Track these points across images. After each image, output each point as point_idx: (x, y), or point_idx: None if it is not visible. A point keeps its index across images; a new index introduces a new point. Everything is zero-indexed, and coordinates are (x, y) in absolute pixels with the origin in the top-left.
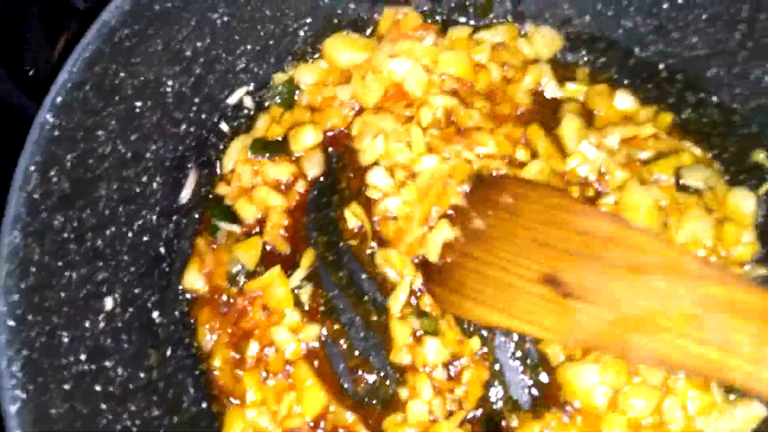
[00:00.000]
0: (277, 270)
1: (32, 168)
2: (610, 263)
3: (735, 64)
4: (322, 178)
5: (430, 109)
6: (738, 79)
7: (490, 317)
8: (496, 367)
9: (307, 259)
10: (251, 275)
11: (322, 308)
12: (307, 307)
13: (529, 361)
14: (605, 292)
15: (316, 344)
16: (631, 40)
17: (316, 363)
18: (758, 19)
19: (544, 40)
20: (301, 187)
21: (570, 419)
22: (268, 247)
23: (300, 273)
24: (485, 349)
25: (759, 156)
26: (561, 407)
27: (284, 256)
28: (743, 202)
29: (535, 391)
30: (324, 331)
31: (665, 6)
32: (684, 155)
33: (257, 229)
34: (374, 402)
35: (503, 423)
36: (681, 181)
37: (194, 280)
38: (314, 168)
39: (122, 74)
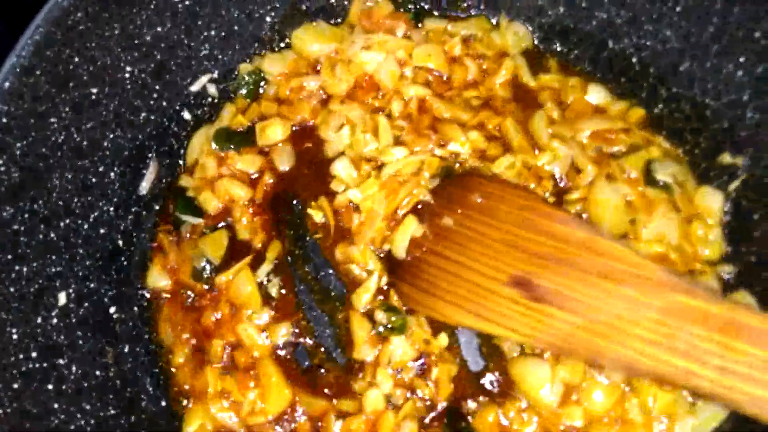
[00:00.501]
0: (245, 262)
1: None
2: (582, 269)
3: (708, 59)
4: (289, 171)
5: (402, 100)
6: (710, 74)
7: (459, 318)
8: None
9: (273, 252)
10: (216, 270)
11: (289, 302)
12: (274, 302)
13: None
14: (575, 298)
15: (283, 340)
16: (604, 32)
17: (281, 359)
18: (732, 12)
19: (516, 36)
20: (268, 179)
21: (529, 407)
22: (233, 241)
23: (267, 266)
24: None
25: (726, 158)
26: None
27: (251, 250)
28: (711, 200)
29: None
30: (292, 328)
31: None
32: (654, 150)
33: (223, 223)
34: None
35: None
36: (651, 176)
37: (158, 279)
38: (285, 163)
39: (76, 59)
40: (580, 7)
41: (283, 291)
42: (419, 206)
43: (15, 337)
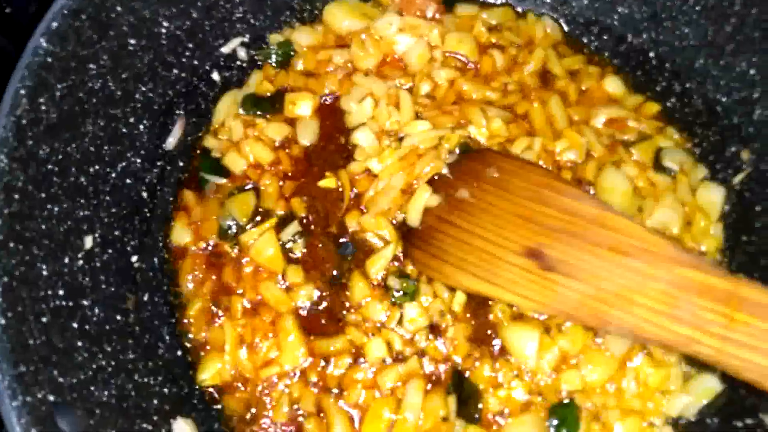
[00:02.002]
0: (270, 225)
1: (22, 92)
2: (593, 242)
3: (722, 57)
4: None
5: (431, 81)
6: (724, 72)
7: (471, 284)
8: None
9: (298, 212)
10: (242, 229)
11: (311, 264)
12: (298, 263)
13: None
14: (586, 269)
15: (304, 301)
16: (625, 26)
17: (302, 318)
18: (750, 13)
19: (545, 31)
20: (294, 150)
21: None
22: (259, 204)
23: (293, 227)
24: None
25: (732, 152)
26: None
27: (276, 214)
28: (713, 195)
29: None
30: (313, 290)
31: None
32: (665, 139)
33: (250, 185)
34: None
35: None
36: (660, 162)
37: (182, 235)
38: (308, 136)
39: (119, 8)
40: (603, 1)
41: (306, 252)
42: (436, 178)
43: (45, 273)
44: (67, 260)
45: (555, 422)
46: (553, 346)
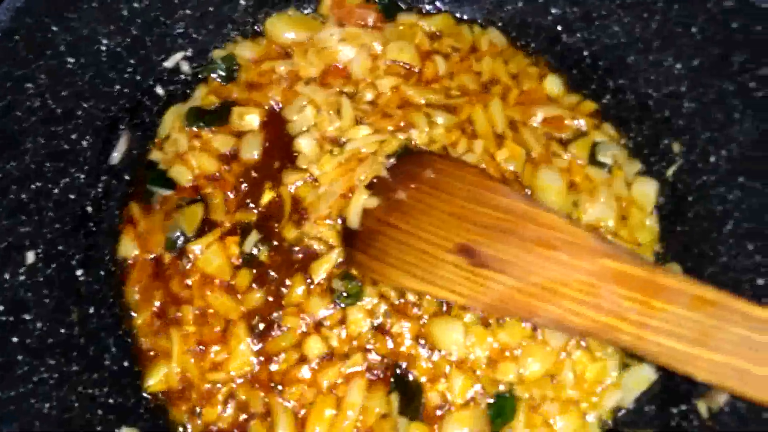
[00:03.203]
0: (215, 236)
1: None
2: (522, 238)
3: (650, 52)
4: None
5: (374, 89)
6: (653, 67)
7: (409, 283)
8: None
9: (246, 222)
10: (189, 241)
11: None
12: (261, 267)
13: None
14: (515, 264)
15: (255, 307)
16: (558, 26)
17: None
18: (672, 9)
19: (491, 42)
20: (239, 163)
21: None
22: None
23: (253, 236)
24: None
25: (664, 145)
26: None
27: (223, 226)
28: (647, 188)
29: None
30: (264, 295)
31: None
32: (600, 135)
33: (199, 197)
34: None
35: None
36: (595, 157)
37: (129, 248)
38: (252, 151)
39: (54, 28)
40: (537, 2)
41: (272, 256)
42: (375, 180)
43: None
44: (7, 276)
45: (493, 413)
46: (487, 339)
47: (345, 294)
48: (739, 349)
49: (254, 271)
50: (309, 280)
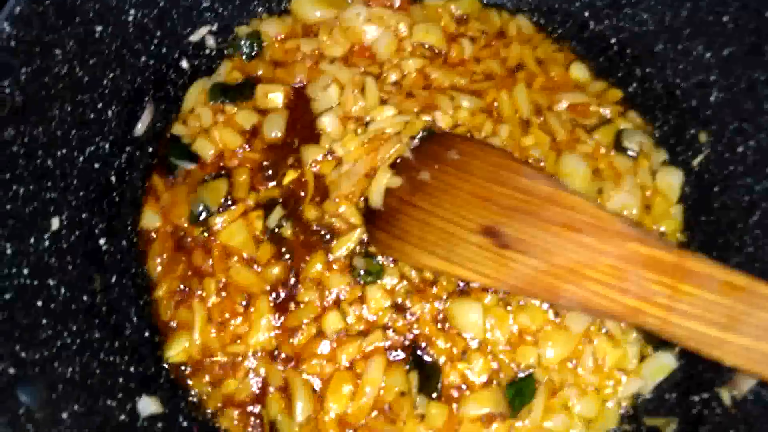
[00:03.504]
0: (239, 211)
1: None
2: (546, 220)
3: (679, 41)
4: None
5: (399, 70)
6: (681, 56)
7: (430, 262)
8: None
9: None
10: (212, 215)
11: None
12: (284, 242)
13: None
14: (539, 245)
15: (275, 280)
16: (586, 13)
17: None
18: None
19: (519, 29)
20: (262, 140)
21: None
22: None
23: (277, 213)
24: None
25: (691, 134)
26: None
27: (246, 202)
28: (672, 178)
29: None
30: (285, 271)
31: None
32: (626, 123)
33: (223, 172)
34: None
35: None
36: (621, 144)
37: (152, 220)
38: (275, 130)
39: None
40: None
41: (296, 233)
42: (398, 161)
43: (9, 251)
44: (32, 240)
45: (511, 393)
46: (508, 321)
47: (366, 272)
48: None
49: (276, 246)
50: (330, 257)
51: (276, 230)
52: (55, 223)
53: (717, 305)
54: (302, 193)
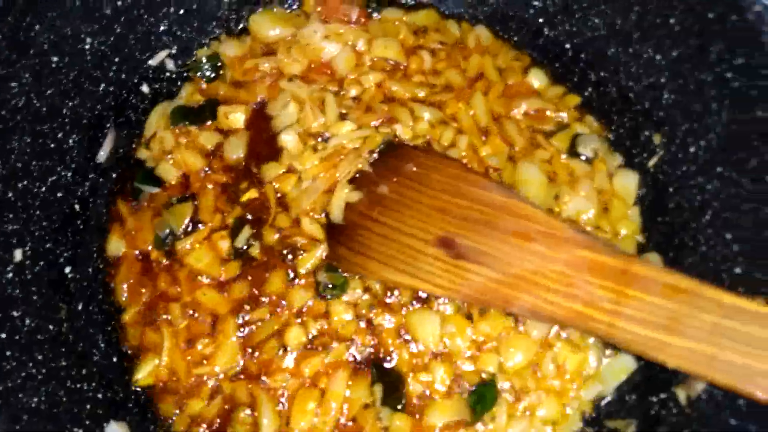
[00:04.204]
0: (203, 234)
1: None
2: (500, 229)
3: (630, 44)
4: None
5: (359, 85)
6: (633, 59)
7: (390, 275)
8: None
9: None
10: (177, 238)
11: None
12: (250, 260)
13: None
14: (493, 255)
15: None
16: (540, 20)
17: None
18: (651, 1)
19: (478, 40)
20: (224, 161)
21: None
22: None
23: (246, 232)
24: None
25: (645, 136)
26: None
27: (212, 222)
28: (628, 181)
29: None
30: (249, 289)
31: None
32: (583, 128)
33: (186, 194)
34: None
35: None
36: (575, 149)
37: (117, 247)
38: (237, 151)
39: (37, 27)
40: None
41: (263, 252)
42: (357, 175)
43: None
44: None
45: (473, 400)
46: (467, 330)
47: (330, 286)
48: (709, 336)
49: (243, 265)
50: (293, 273)
51: (244, 249)
52: (17, 254)
53: (661, 309)
54: (267, 212)
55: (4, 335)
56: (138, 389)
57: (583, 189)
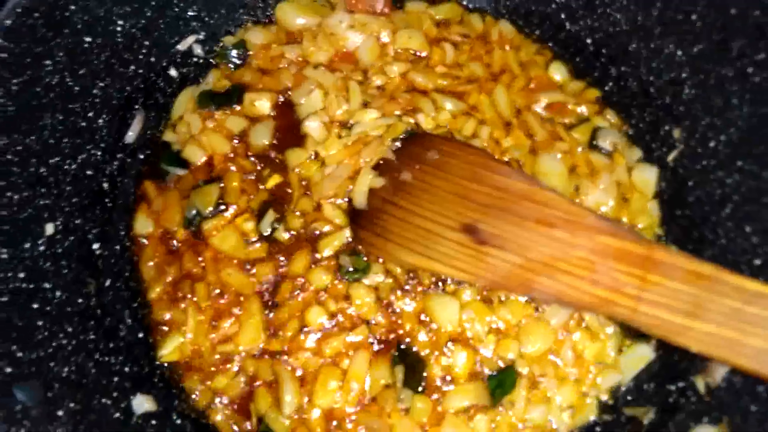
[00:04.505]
0: (230, 217)
1: None
2: (522, 216)
3: (652, 40)
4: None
5: (384, 75)
6: (654, 54)
7: (412, 259)
8: None
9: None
10: (204, 219)
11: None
12: (275, 243)
13: None
14: (515, 241)
15: (267, 281)
16: (562, 15)
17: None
18: None
19: (502, 34)
20: (251, 146)
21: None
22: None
23: (270, 216)
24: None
25: (666, 130)
26: None
27: (238, 206)
28: (647, 174)
29: None
30: (274, 271)
31: None
32: (602, 121)
33: (213, 177)
34: None
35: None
36: (594, 142)
37: (144, 226)
38: (262, 138)
39: (72, 7)
40: None
41: (292, 235)
42: (381, 162)
43: (5, 256)
44: (27, 245)
45: (493, 385)
46: (488, 315)
47: (352, 269)
48: (731, 321)
49: (269, 248)
50: (317, 256)
51: (270, 233)
52: (49, 228)
53: (683, 294)
54: (290, 196)
55: (36, 306)
56: (163, 364)
57: (602, 182)
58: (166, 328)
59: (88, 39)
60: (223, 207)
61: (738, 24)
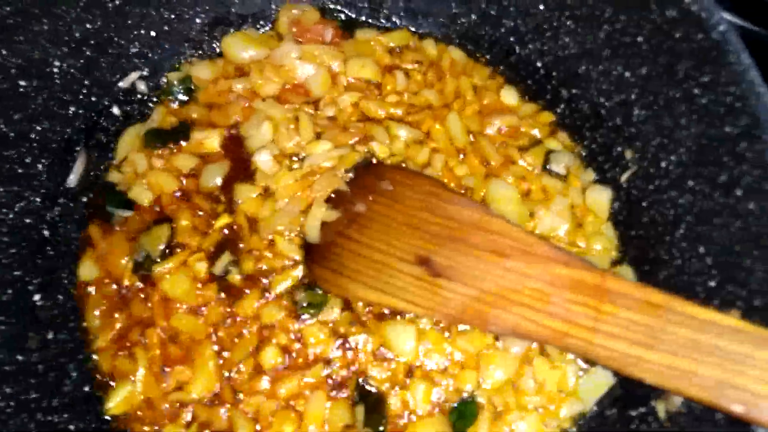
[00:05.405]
0: (180, 259)
1: None
2: (476, 247)
3: (600, 62)
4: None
5: (335, 106)
6: (603, 76)
7: (369, 295)
8: None
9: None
10: (153, 263)
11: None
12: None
13: None
14: (469, 272)
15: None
16: (512, 39)
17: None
18: (619, 19)
19: (453, 61)
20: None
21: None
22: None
23: (225, 257)
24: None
25: (617, 152)
26: None
27: (189, 246)
28: (601, 196)
29: None
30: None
31: (541, 7)
32: (555, 144)
33: (162, 217)
34: None
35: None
36: (548, 166)
37: (90, 272)
38: (214, 178)
39: (4, 52)
40: (490, 15)
41: (243, 279)
42: (333, 194)
43: None
44: None
45: (454, 417)
46: (444, 346)
47: (307, 305)
48: (684, 350)
49: (219, 288)
50: (271, 294)
51: (223, 276)
52: None
53: (638, 324)
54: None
55: None
56: (110, 418)
57: (556, 205)
58: (113, 379)
59: (23, 83)
60: (174, 248)
61: (683, 46)
